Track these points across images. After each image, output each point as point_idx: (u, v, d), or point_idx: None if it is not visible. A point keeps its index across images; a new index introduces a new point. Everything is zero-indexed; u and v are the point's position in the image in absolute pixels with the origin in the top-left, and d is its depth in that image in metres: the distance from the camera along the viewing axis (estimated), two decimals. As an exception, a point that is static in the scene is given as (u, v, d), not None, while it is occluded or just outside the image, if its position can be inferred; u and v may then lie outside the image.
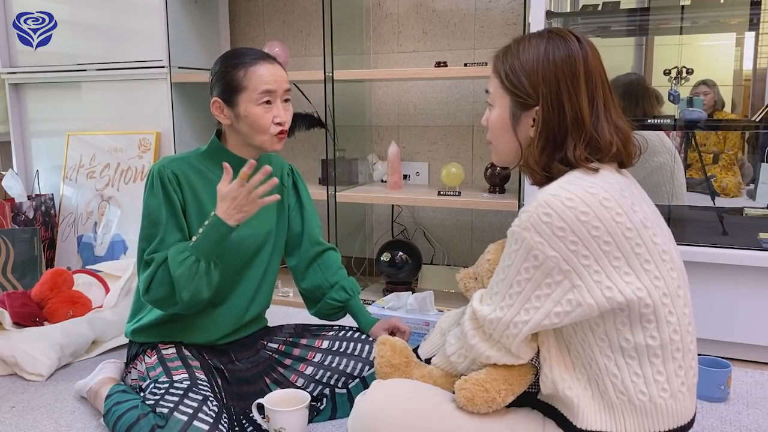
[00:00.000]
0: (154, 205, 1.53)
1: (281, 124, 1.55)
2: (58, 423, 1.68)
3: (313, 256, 1.78)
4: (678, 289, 1.13)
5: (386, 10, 2.88)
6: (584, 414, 1.13)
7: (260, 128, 1.54)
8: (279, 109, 1.55)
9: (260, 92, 1.52)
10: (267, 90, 1.52)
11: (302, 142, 3.12)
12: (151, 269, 1.49)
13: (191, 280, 1.46)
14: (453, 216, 2.90)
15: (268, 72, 1.53)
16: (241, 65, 1.53)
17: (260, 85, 1.52)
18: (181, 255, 1.46)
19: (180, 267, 1.45)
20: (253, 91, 1.52)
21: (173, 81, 2.77)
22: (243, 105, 1.53)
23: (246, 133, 1.56)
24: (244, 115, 1.54)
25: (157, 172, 1.55)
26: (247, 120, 1.54)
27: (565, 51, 1.16)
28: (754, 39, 2.24)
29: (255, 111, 1.53)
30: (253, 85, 1.52)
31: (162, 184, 1.54)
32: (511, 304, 1.12)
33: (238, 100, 1.53)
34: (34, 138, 3.17)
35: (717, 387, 1.76)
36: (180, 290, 1.46)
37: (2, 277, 2.53)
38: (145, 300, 1.52)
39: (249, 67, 1.53)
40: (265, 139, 1.56)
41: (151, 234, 1.53)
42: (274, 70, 1.55)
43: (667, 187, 2.30)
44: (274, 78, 1.54)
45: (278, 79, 1.55)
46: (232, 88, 1.54)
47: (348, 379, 1.66)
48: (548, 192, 1.10)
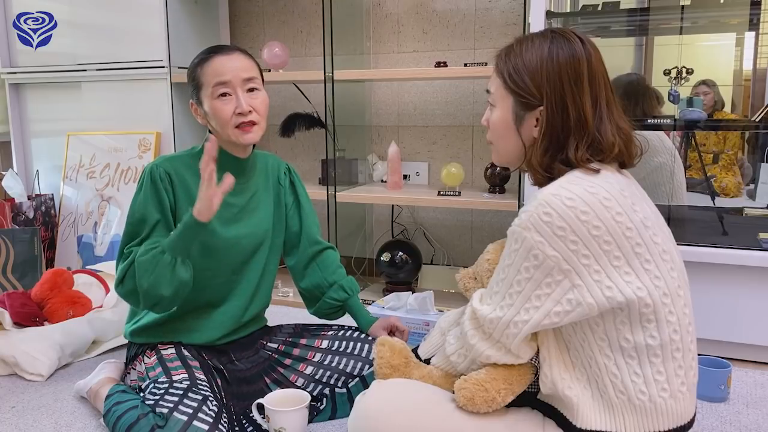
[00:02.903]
0: (143, 203, 1.53)
1: (242, 114, 1.52)
2: (58, 423, 1.67)
3: (311, 256, 1.78)
4: (678, 289, 1.13)
5: (386, 10, 2.88)
6: (584, 414, 1.13)
7: (222, 121, 1.53)
8: (239, 99, 1.52)
9: (213, 85, 1.51)
10: (220, 82, 1.51)
11: (302, 142, 3.13)
12: (127, 262, 1.49)
13: (152, 270, 1.44)
14: (453, 216, 2.90)
15: (220, 64, 1.52)
16: (199, 63, 1.54)
17: (213, 78, 1.51)
18: (151, 245, 1.47)
19: (144, 255, 1.45)
20: (208, 85, 1.52)
21: (173, 81, 2.77)
22: (205, 101, 1.54)
23: (216, 129, 1.56)
24: (207, 111, 1.54)
25: (149, 170, 1.55)
26: (210, 115, 1.54)
27: (569, 51, 1.16)
28: (754, 39, 2.24)
29: (214, 105, 1.52)
30: (207, 79, 1.52)
31: (153, 183, 1.53)
32: (511, 303, 1.12)
33: (201, 97, 1.54)
34: (34, 138, 3.17)
35: (717, 387, 1.76)
36: (139, 277, 1.45)
37: (2, 277, 2.53)
38: (118, 292, 1.52)
39: (204, 63, 1.53)
40: (230, 132, 1.54)
41: (134, 231, 1.53)
42: (227, 61, 1.52)
43: (667, 187, 2.30)
44: (227, 69, 1.51)
45: (233, 69, 1.52)
46: (195, 87, 1.55)
47: (348, 378, 1.66)
48: (549, 191, 1.10)
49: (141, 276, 1.45)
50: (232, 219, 1.62)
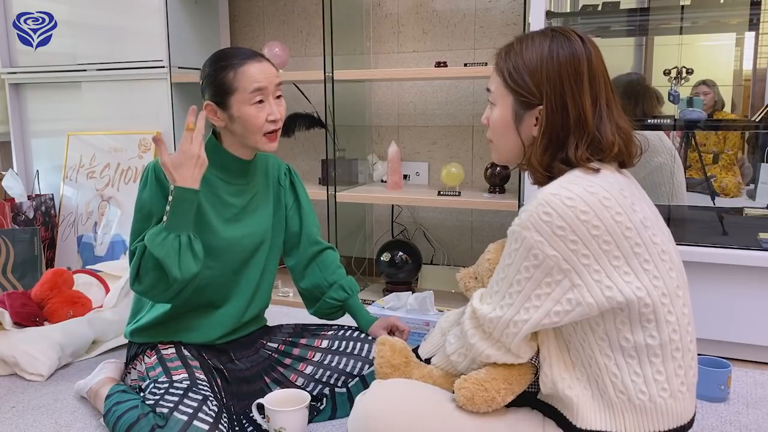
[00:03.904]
0: (146, 200, 1.53)
1: (275, 121, 1.55)
2: (58, 423, 1.67)
3: (311, 256, 1.78)
4: (677, 289, 1.13)
5: (386, 10, 2.88)
6: (584, 413, 1.13)
7: (253, 128, 1.54)
8: (272, 106, 1.55)
9: (251, 92, 1.51)
10: (258, 88, 1.52)
11: (302, 142, 3.13)
12: (135, 259, 1.48)
13: (177, 257, 1.43)
14: (453, 216, 2.90)
15: (257, 70, 1.53)
16: (230, 67, 1.53)
17: (251, 85, 1.51)
18: (158, 237, 1.43)
19: (162, 248, 1.42)
20: (244, 91, 1.51)
21: (173, 81, 2.77)
22: (236, 106, 1.53)
23: (240, 133, 1.56)
24: (238, 116, 1.53)
25: (153, 167, 1.55)
26: (240, 121, 1.54)
27: (569, 50, 1.16)
28: (754, 39, 2.24)
29: (248, 111, 1.52)
30: (244, 85, 1.51)
31: (157, 179, 1.53)
32: (511, 303, 1.12)
33: (230, 102, 1.53)
34: (34, 138, 3.17)
35: (717, 387, 1.76)
36: (170, 270, 1.43)
37: (2, 277, 2.53)
38: (137, 291, 1.50)
39: (238, 68, 1.52)
40: (258, 139, 1.56)
41: (141, 228, 1.53)
42: (263, 67, 1.54)
43: (666, 187, 2.30)
44: (264, 76, 1.53)
45: (269, 77, 1.54)
46: (224, 91, 1.53)
47: (348, 378, 1.66)
48: (548, 191, 1.10)
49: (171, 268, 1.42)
50: (233, 219, 1.63)
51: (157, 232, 1.44)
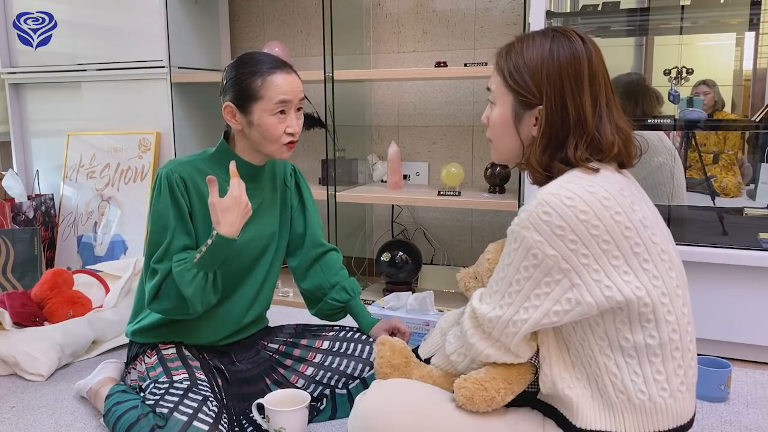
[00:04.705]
0: (162, 210, 1.52)
1: (293, 134, 1.55)
2: (58, 423, 1.68)
3: (314, 257, 1.77)
4: (677, 289, 1.13)
5: (386, 10, 2.88)
6: (584, 413, 1.13)
7: (272, 137, 1.53)
8: (292, 119, 1.54)
9: (276, 102, 1.50)
10: (283, 100, 1.51)
11: (302, 142, 3.12)
12: (157, 280, 1.49)
13: (202, 294, 1.47)
14: (453, 216, 2.90)
15: (285, 82, 1.52)
16: (258, 73, 1.51)
17: (277, 96, 1.50)
18: (188, 274, 1.45)
19: (191, 286, 1.46)
20: (269, 101, 1.50)
21: (173, 81, 2.77)
22: (257, 113, 1.51)
23: (256, 140, 1.55)
24: (257, 123, 1.52)
25: (165, 176, 1.53)
26: (259, 128, 1.53)
27: (569, 50, 1.16)
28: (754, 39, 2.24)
29: (269, 121, 1.51)
30: (270, 95, 1.50)
31: (170, 188, 1.52)
32: (511, 302, 1.12)
33: (253, 108, 1.52)
34: (34, 138, 3.17)
35: (717, 387, 1.76)
36: (194, 305, 1.47)
37: (2, 277, 2.53)
38: (151, 309, 1.52)
39: (267, 76, 1.51)
40: (275, 149, 1.55)
41: (159, 240, 1.52)
42: (291, 80, 1.53)
43: (666, 187, 2.30)
44: (291, 88, 1.52)
45: (294, 90, 1.53)
46: (248, 96, 1.51)
47: (348, 379, 1.66)
48: (548, 191, 1.10)
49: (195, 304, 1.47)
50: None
51: (188, 268, 1.46)
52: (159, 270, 1.49)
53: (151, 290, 1.49)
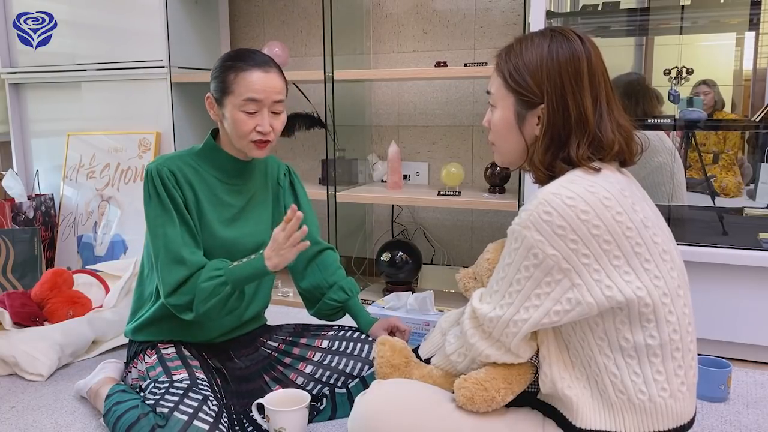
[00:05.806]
0: (156, 219, 1.52)
1: (263, 133, 1.53)
2: (58, 423, 1.67)
3: (311, 256, 1.78)
4: (678, 289, 1.13)
5: (386, 10, 2.88)
6: (584, 413, 1.13)
7: (240, 133, 1.53)
8: (264, 118, 1.52)
9: (244, 99, 1.50)
10: (251, 98, 1.50)
11: (302, 142, 3.13)
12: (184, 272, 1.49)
13: (210, 298, 1.48)
14: (453, 216, 2.90)
15: (259, 81, 1.50)
16: (234, 68, 1.51)
17: (246, 93, 1.50)
18: (215, 271, 1.48)
19: (208, 281, 1.47)
20: (238, 96, 1.50)
21: (173, 81, 2.77)
22: (228, 107, 1.52)
23: (230, 133, 1.56)
24: (228, 117, 1.53)
25: (155, 171, 1.53)
26: (229, 122, 1.54)
27: (569, 50, 1.17)
28: (754, 39, 2.24)
29: (237, 116, 1.51)
30: (239, 90, 1.50)
31: (162, 183, 1.53)
32: (511, 302, 1.12)
33: (225, 101, 1.53)
34: (34, 138, 3.17)
35: (717, 387, 1.76)
36: (197, 301, 1.48)
37: (2, 277, 2.53)
38: (168, 302, 1.51)
39: (240, 72, 1.50)
40: (244, 144, 1.55)
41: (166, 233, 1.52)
42: (266, 79, 1.51)
43: (667, 187, 2.30)
44: (263, 88, 1.50)
45: (267, 90, 1.51)
46: (222, 89, 1.53)
47: (348, 378, 1.66)
48: (549, 190, 1.10)
49: (199, 301, 1.48)
50: (231, 219, 1.62)
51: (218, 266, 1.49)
52: (187, 261, 1.49)
53: (176, 282, 1.49)
